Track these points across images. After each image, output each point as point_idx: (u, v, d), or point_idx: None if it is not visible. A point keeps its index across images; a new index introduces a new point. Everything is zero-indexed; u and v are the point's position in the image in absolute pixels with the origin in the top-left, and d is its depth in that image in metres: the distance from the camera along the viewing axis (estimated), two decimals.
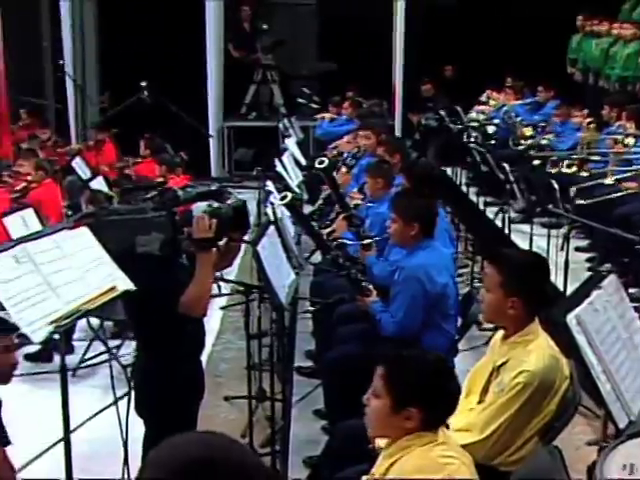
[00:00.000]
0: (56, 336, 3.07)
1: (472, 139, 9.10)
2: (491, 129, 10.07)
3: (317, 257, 6.73)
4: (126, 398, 3.63)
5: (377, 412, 2.71)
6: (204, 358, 4.09)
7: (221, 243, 3.71)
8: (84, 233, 3.46)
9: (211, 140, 12.68)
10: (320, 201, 7.09)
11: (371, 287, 4.74)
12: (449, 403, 2.72)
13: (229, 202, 3.66)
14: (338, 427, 4.03)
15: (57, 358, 5.82)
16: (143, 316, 3.67)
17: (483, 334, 6.09)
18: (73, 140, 12.58)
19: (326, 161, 6.01)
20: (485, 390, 3.38)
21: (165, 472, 1.40)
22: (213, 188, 3.76)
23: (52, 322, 3.00)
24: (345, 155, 8.05)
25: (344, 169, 7.50)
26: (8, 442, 3.80)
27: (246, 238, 4.03)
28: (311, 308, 5.93)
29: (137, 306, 3.66)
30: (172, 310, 3.53)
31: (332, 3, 13.56)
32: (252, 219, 4.34)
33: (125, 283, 3.37)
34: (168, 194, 3.70)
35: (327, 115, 11.27)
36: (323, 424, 5.08)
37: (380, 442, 2.95)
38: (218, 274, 4.41)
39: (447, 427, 2.77)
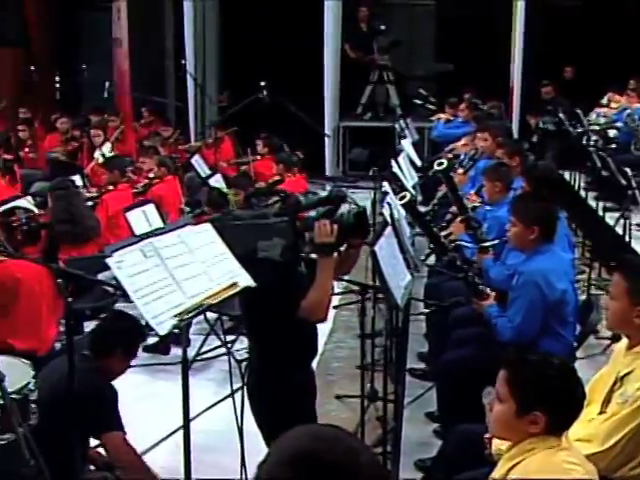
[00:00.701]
0: (176, 330, 3.14)
1: (592, 143, 8.87)
2: (612, 133, 9.79)
3: (432, 259, 6.70)
4: (240, 392, 3.70)
5: (501, 416, 2.68)
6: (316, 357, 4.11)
7: (341, 249, 3.72)
8: (207, 229, 3.52)
9: (327, 140, 12.73)
10: (435, 201, 7.05)
11: (488, 291, 4.68)
12: (575, 407, 2.67)
13: (350, 208, 3.66)
14: (453, 431, 3.99)
15: (174, 350, 5.99)
16: (261, 320, 3.70)
17: (600, 342, 5.95)
18: (192, 138, 12.86)
19: (445, 162, 5.96)
20: (607, 400, 3.29)
21: (275, 464, 1.46)
22: (334, 194, 3.76)
23: (176, 315, 3.06)
24: (462, 157, 7.99)
25: (460, 170, 7.43)
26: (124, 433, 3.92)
27: None
28: (426, 310, 5.91)
29: (256, 310, 3.69)
30: (290, 315, 3.55)
31: (450, 3, 13.46)
32: None
33: (246, 280, 3.41)
34: (290, 200, 3.73)
35: (443, 116, 11.16)
36: (435, 427, 5.05)
37: (499, 445, 2.91)
38: None
39: None
